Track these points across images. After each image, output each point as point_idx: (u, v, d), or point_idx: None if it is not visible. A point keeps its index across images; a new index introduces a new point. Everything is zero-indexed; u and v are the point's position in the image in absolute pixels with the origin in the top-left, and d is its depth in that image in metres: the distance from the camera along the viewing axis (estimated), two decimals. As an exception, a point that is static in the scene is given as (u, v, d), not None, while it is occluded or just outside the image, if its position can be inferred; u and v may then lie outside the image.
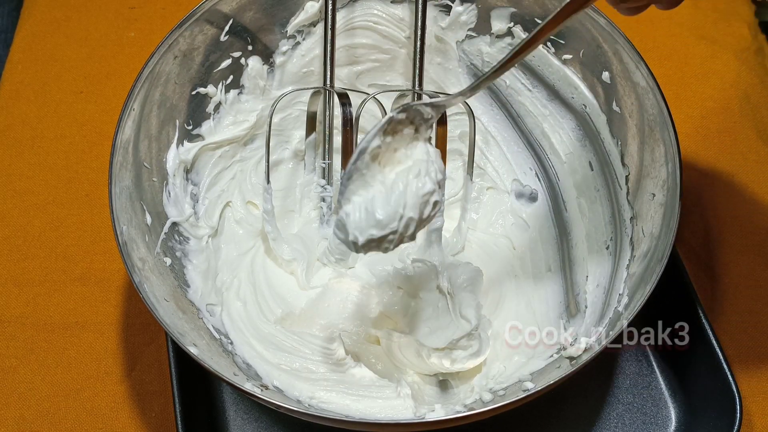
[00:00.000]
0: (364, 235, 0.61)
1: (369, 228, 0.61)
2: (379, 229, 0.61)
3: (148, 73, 0.75)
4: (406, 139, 0.64)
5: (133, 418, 0.83)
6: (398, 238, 0.62)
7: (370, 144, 0.61)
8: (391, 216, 0.61)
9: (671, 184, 0.72)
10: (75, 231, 0.94)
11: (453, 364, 0.75)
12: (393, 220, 0.61)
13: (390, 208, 0.61)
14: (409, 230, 0.62)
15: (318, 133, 0.88)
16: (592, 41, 0.79)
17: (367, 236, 0.61)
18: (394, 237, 0.62)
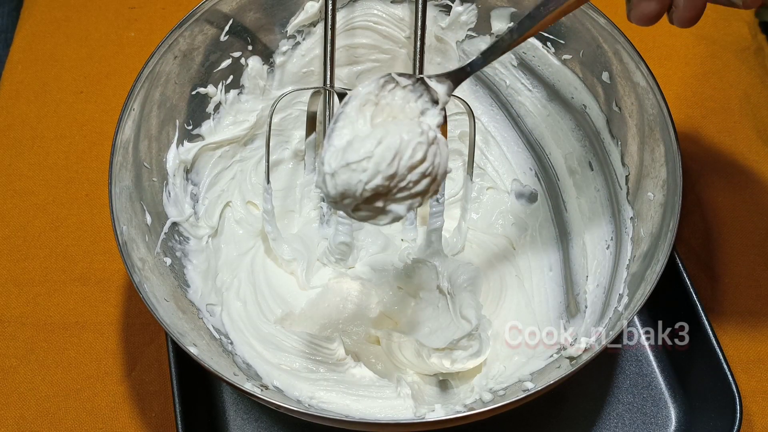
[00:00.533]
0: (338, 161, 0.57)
1: (345, 154, 0.57)
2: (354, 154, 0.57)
3: (148, 73, 0.75)
4: (409, 116, 0.61)
5: (133, 418, 0.83)
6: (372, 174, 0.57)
7: (363, 89, 0.59)
8: (369, 144, 0.57)
9: (671, 184, 0.72)
10: (75, 231, 0.94)
11: (453, 365, 0.75)
12: (370, 146, 0.57)
13: (370, 140, 0.57)
14: (384, 162, 0.56)
15: (318, 133, 0.88)
16: (592, 41, 0.79)
17: (341, 162, 0.57)
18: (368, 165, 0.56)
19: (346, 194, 0.58)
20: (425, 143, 0.57)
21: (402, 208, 0.59)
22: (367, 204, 0.58)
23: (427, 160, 0.58)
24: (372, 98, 0.59)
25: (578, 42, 0.80)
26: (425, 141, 0.58)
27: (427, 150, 0.58)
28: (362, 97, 0.59)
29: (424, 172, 0.58)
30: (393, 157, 0.56)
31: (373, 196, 0.58)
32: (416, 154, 0.57)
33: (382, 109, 0.60)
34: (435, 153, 0.58)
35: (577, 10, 0.78)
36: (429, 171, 0.58)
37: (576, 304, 0.80)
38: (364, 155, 0.56)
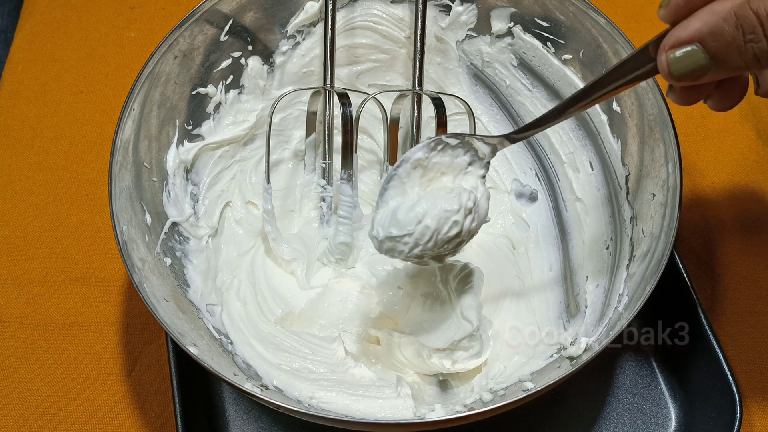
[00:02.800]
0: (384, 231, 0.67)
1: (389, 226, 0.66)
2: (397, 229, 0.66)
3: (148, 73, 0.75)
4: (457, 169, 0.68)
5: (133, 418, 0.83)
6: (413, 243, 0.66)
7: (414, 155, 0.67)
8: (411, 219, 0.65)
9: (671, 184, 0.72)
10: (75, 231, 0.94)
11: (454, 365, 0.75)
12: (411, 223, 0.65)
13: (412, 213, 0.66)
14: (424, 238, 0.65)
15: (318, 133, 0.88)
16: (592, 41, 0.79)
17: (386, 233, 0.66)
18: (409, 240, 0.66)
19: (390, 253, 0.68)
20: (461, 220, 0.66)
21: (437, 260, 0.70)
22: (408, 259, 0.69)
23: (463, 231, 0.67)
24: (421, 162, 0.67)
25: (578, 42, 0.80)
26: (461, 218, 0.66)
27: (462, 224, 0.66)
28: (414, 161, 0.67)
29: (460, 240, 0.67)
30: (431, 236, 0.66)
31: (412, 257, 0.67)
32: (452, 231, 0.66)
33: (431, 168, 0.68)
34: (472, 220, 0.67)
35: (577, 10, 0.79)
36: (464, 237, 0.67)
37: (576, 304, 0.80)
38: (405, 231, 0.66)
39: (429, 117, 0.89)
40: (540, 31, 0.83)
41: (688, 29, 0.53)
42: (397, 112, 0.88)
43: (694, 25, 0.52)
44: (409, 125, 0.87)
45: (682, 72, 0.54)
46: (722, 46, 0.52)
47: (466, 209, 0.66)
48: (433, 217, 0.65)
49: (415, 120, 0.86)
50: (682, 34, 0.53)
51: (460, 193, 0.67)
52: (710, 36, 0.52)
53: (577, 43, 0.81)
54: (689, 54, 0.53)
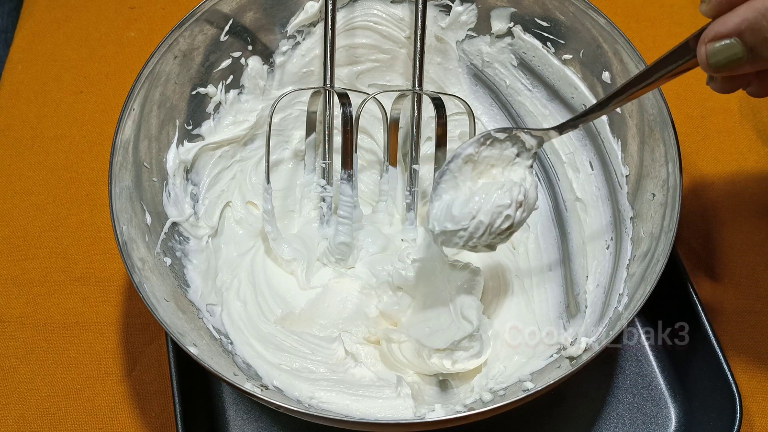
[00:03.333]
0: (440, 226, 0.70)
1: (445, 221, 0.70)
2: (452, 224, 0.69)
3: (148, 73, 0.75)
4: (506, 160, 0.71)
5: (133, 418, 0.83)
6: (468, 237, 0.69)
7: (465, 151, 0.70)
8: (465, 215, 0.69)
9: (671, 184, 0.72)
10: (75, 231, 0.94)
11: (454, 365, 0.75)
12: (465, 219, 0.69)
13: (466, 209, 0.69)
14: (478, 232, 0.69)
15: (318, 133, 0.88)
16: (592, 41, 0.79)
17: (441, 227, 0.70)
18: (464, 234, 0.69)
19: (446, 245, 0.72)
20: (512, 214, 0.69)
21: (489, 248, 0.72)
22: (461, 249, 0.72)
23: (514, 223, 0.70)
24: (471, 157, 0.70)
25: (578, 42, 0.80)
26: (512, 212, 0.69)
27: (514, 217, 0.69)
28: (465, 156, 0.70)
29: (511, 231, 0.71)
30: (485, 230, 0.69)
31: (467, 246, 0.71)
32: (504, 224, 0.69)
33: (481, 161, 0.71)
34: (522, 210, 0.70)
35: (577, 10, 0.79)
36: (515, 227, 0.70)
37: (576, 304, 0.80)
38: (460, 227, 0.69)
39: (429, 117, 0.89)
40: (540, 31, 0.83)
41: (727, 24, 0.55)
42: (397, 112, 0.88)
43: (733, 20, 0.55)
44: (409, 125, 0.87)
45: (720, 63, 0.57)
46: (759, 41, 0.54)
47: (517, 203, 0.69)
48: (486, 213, 0.68)
49: (415, 120, 0.86)
50: (721, 28, 0.56)
51: (511, 188, 0.69)
52: (748, 30, 0.54)
53: (577, 43, 0.81)
54: (727, 47, 0.56)
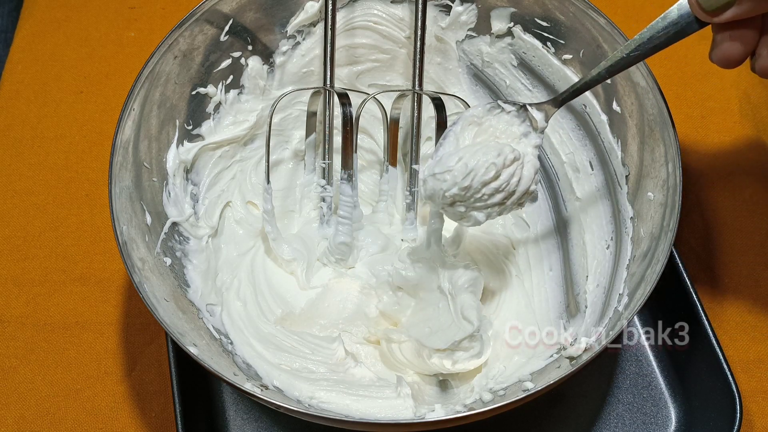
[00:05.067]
0: (429, 170, 0.70)
1: (434, 165, 0.70)
2: (440, 167, 0.69)
3: (148, 73, 0.75)
4: (512, 136, 0.71)
5: (133, 418, 0.83)
6: (451, 181, 0.68)
7: (469, 112, 0.71)
8: (452, 158, 0.69)
9: (671, 184, 0.72)
10: (75, 231, 0.94)
11: (454, 365, 0.75)
12: (452, 161, 0.68)
13: (455, 155, 0.69)
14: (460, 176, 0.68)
15: (318, 133, 0.88)
16: (592, 41, 0.79)
17: (430, 171, 0.70)
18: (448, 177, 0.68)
19: (433, 197, 0.71)
20: (499, 165, 0.68)
21: (481, 215, 0.71)
22: (451, 207, 0.71)
23: (500, 179, 0.68)
24: (476, 120, 0.71)
25: (578, 42, 0.80)
26: (500, 163, 0.68)
27: (500, 170, 0.68)
28: (467, 118, 0.71)
29: (498, 188, 0.69)
30: (467, 173, 0.68)
31: (453, 202, 0.70)
32: (488, 173, 0.68)
33: (486, 129, 0.71)
34: (512, 173, 0.69)
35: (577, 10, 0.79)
36: (503, 187, 0.69)
37: (576, 304, 0.80)
38: (445, 169, 0.69)
39: (429, 117, 0.89)
40: (540, 31, 0.83)
41: None
42: (397, 112, 0.88)
43: None
44: (409, 125, 0.87)
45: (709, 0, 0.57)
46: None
47: (506, 159, 0.68)
48: (472, 157, 0.68)
49: (415, 120, 0.86)
50: None
51: (503, 147, 0.69)
52: None
53: (577, 43, 0.81)
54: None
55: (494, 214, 0.71)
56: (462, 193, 0.69)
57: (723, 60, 0.62)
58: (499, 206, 0.70)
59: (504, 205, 0.70)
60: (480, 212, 0.70)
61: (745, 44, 0.60)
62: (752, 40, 0.60)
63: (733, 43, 0.60)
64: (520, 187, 0.70)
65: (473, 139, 0.71)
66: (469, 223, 0.72)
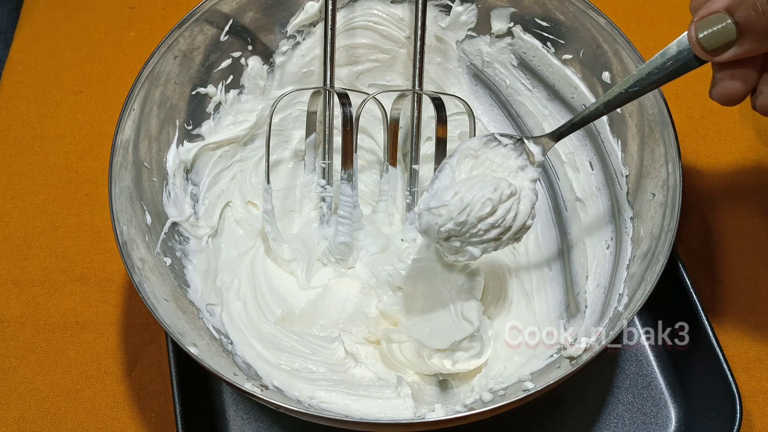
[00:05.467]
0: (424, 205, 0.69)
1: (430, 200, 0.69)
2: (435, 201, 0.68)
3: (148, 73, 0.75)
4: (508, 170, 0.71)
5: (133, 418, 0.83)
6: (447, 216, 0.67)
7: (465, 145, 0.71)
8: (448, 193, 0.68)
9: (671, 184, 0.72)
10: (75, 231, 0.94)
11: (454, 365, 0.75)
12: (447, 196, 0.67)
13: (451, 189, 0.68)
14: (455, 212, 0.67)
15: (318, 133, 0.88)
16: (592, 41, 0.79)
17: (425, 206, 0.69)
18: (443, 212, 0.67)
19: (428, 231, 0.70)
20: (495, 200, 0.67)
21: (476, 251, 0.69)
22: (447, 242, 0.70)
23: (496, 215, 0.67)
24: (472, 152, 0.71)
25: (578, 42, 0.80)
26: (496, 198, 0.67)
27: (496, 206, 0.67)
28: (463, 150, 0.71)
29: (494, 223, 0.68)
30: (463, 209, 0.67)
31: (449, 237, 0.69)
32: (484, 208, 0.67)
33: (482, 163, 0.71)
34: (508, 208, 0.68)
35: (577, 10, 0.79)
36: (499, 223, 0.68)
37: (576, 304, 0.80)
38: (441, 203, 0.68)
39: (429, 117, 0.89)
40: (540, 31, 0.83)
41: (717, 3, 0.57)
42: (397, 112, 0.88)
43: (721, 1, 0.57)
44: (409, 125, 0.87)
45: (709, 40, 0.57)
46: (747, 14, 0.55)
47: (503, 194, 0.67)
48: (468, 191, 0.67)
49: (415, 120, 0.86)
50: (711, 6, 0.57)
51: (500, 182, 0.68)
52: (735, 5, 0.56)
53: (577, 43, 0.81)
54: (716, 18, 0.57)
55: (490, 249, 0.70)
56: (458, 228, 0.68)
57: (723, 98, 0.61)
58: (495, 241, 0.69)
59: (500, 241, 0.69)
60: (475, 247, 0.69)
61: (745, 83, 0.60)
62: (752, 78, 0.60)
63: (734, 81, 0.60)
64: (517, 222, 0.69)
65: (469, 172, 0.70)
66: (464, 257, 0.71)
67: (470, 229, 0.68)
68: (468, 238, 0.69)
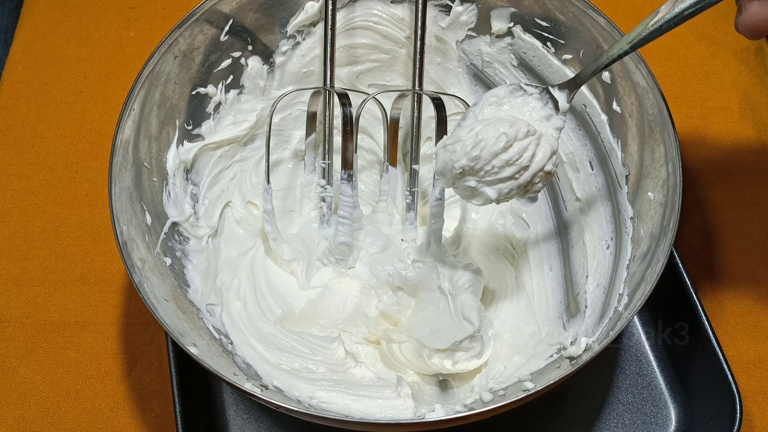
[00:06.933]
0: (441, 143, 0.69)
1: (447, 140, 0.68)
2: (451, 139, 0.68)
3: (148, 73, 0.75)
4: (534, 118, 0.70)
5: (133, 418, 0.83)
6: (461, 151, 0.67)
7: (491, 92, 0.70)
8: (464, 130, 0.67)
9: (671, 184, 0.72)
10: (75, 231, 0.94)
11: (454, 365, 0.75)
12: (463, 132, 0.67)
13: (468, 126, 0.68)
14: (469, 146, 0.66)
15: (318, 133, 0.88)
16: (592, 41, 0.79)
17: (442, 144, 0.68)
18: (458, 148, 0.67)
19: (443, 171, 0.69)
20: (511, 136, 0.66)
21: (492, 191, 0.68)
22: (462, 181, 0.68)
23: (510, 151, 0.66)
24: (496, 100, 0.70)
25: (578, 42, 0.80)
26: (512, 134, 0.66)
27: (511, 141, 0.66)
28: (487, 98, 0.70)
29: (508, 160, 0.66)
30: (477, 143, 0.66)
31: (463, 174, 0.68)
32: (498, 143, 0.66)
33: (506, 111, 0.70)
34: (524, 147, 0.66)
35: (577, 10, 0.79)
36: (513, 160, 0.66)
37: (576, 304, 0.80)
38: (456, 140, 0.67)
39: (429, 117, 0.89)
40: (540, 31, 0.83)
41: None
42: (397, 112, 0.88)
43: None
44: (409, 125, 0.87)
45: None
46: None
47: (519, 131, 0.66)
48: (484, 128, 0.66)
49: (415, 120, 0.86)
50: None
51: (519, 119, 0.67)
52: None
53: (577, 43, 0.81)
54: None
55: (505, 191, 0.68)
56: (471, 164, 0.66)
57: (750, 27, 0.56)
58: (511, 181, 0.67)
59: (516, 181, 0.67)
60: (491, 188, 0.68)
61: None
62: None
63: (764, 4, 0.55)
64: (535, 163, 0.67)
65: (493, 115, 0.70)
66: (480, 201, 0.69)
67: (484, 166, 0.66)
68: (483, 176, 0.67)
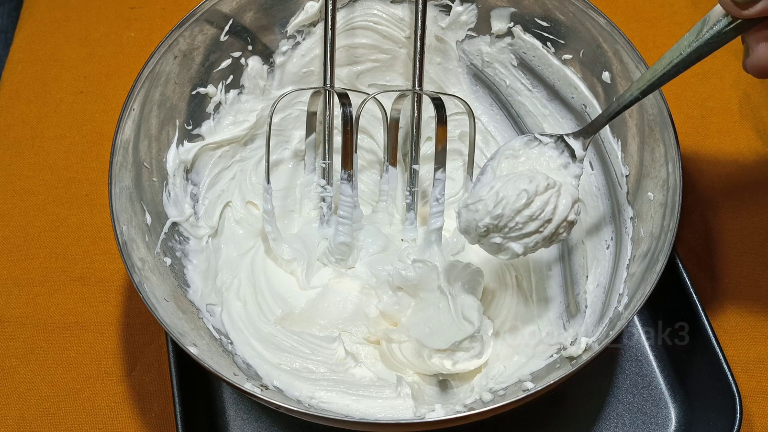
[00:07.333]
0: (463, 203, 0.70)
1: (468, 198, 0.70)
2: (473, 198, 0.69)
3: (148, 73, 0.75)
4: (551, 168, 0.71)
5: (133, 418, 0.83)
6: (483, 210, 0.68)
7: (506, 147, 0.71)
8: (485, 188, 0.68)
9: (671, 184, 0.72)
10: (75, 231, 0.94)
11: (454, 366, 0.75)
12: (484, 191, 0.68)
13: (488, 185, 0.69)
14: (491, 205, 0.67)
15: (318, 133, 0.88)
16: (592, 41, 0.79)
17: (464, 203, 0.70)
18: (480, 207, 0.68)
19: (468, 229, 0.70)
20: (531, 192, 0.67)
21: (518, 246, 0.68)
22: (487, 239, 0.69)
23: (532, 206, 0.67)
24: (512, 153, 0.71)
25: (578, 42, 0.80)
26: (532, 190, 0.67)
27: (531, 197, 0.67)
28: (503, 151, 0.71)
29: (531, 215, 0.67)
30: (498, 201, 0.67)
31: (488, 232, 0.69)
32: (520, 200, 0.67)
33: (523, 163, 0.71)
34: (546, 200, 0.67)
35: (577, 10, 0.79)
36: (536, 215, 0.67)
37: (576, 304, 0.80)
38: (477, 199, 0.68)
39: (429, 117, 0.89)
40: (540, 31, 0.83)
41: None
42: (397, 112, 0.88)
43: None
44: (409, 125, 0.87)
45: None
46: None
47: (539, 186, 0.67)
48: (504, 185, 0.67)
49: (415, 120, 0.86)
50: None
51: (537, 173, 0.68)
52: None
53: (577, 43, 0.81)
54: None
55: (531, 245, 0.68)
56: (495, 222, 0.67)
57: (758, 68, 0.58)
58: (536, 235, 0.68)
59: (541, 234, 0.68)
60: (516, 243, 0.68)
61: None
62: None
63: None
64: (557, 215, 0.67)
65: (510, 171, 0.70)
66: (507, 256, 0.70)
67: (508, 223, 0.67)
68: (507, 233, 0.68)
